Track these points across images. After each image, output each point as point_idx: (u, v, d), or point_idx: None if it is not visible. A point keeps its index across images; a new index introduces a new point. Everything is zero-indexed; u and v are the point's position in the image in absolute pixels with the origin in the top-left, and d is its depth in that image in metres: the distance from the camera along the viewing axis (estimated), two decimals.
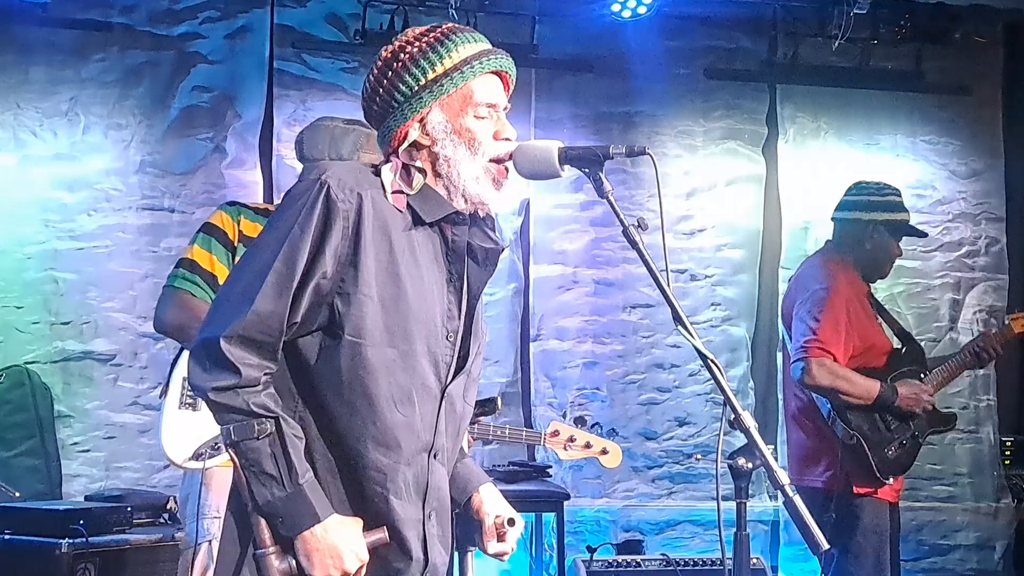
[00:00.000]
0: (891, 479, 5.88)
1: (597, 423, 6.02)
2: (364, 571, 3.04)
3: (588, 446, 5.77)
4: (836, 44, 8.33)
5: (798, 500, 2.94)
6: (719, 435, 3.03)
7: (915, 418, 5.99)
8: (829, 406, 5.88)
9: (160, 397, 4.78)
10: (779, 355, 8.48)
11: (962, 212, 9.11)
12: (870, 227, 6.09)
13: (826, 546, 2.94)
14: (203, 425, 4.54)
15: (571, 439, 5.77)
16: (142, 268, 7.74)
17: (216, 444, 4.55)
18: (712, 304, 8.69)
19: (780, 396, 8.26)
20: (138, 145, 7.88)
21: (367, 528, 3.06)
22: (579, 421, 5.98)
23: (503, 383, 8.26)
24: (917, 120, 9.09)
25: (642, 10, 8.02)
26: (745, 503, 3.05)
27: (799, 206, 8.85)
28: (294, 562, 2.99)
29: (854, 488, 5.84)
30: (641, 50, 8.43)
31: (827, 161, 8.90)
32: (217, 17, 8.07)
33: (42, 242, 7.72)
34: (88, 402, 7.74)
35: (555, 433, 5.76)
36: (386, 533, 3.07)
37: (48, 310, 7.72)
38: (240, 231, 4.75)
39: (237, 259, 4.66)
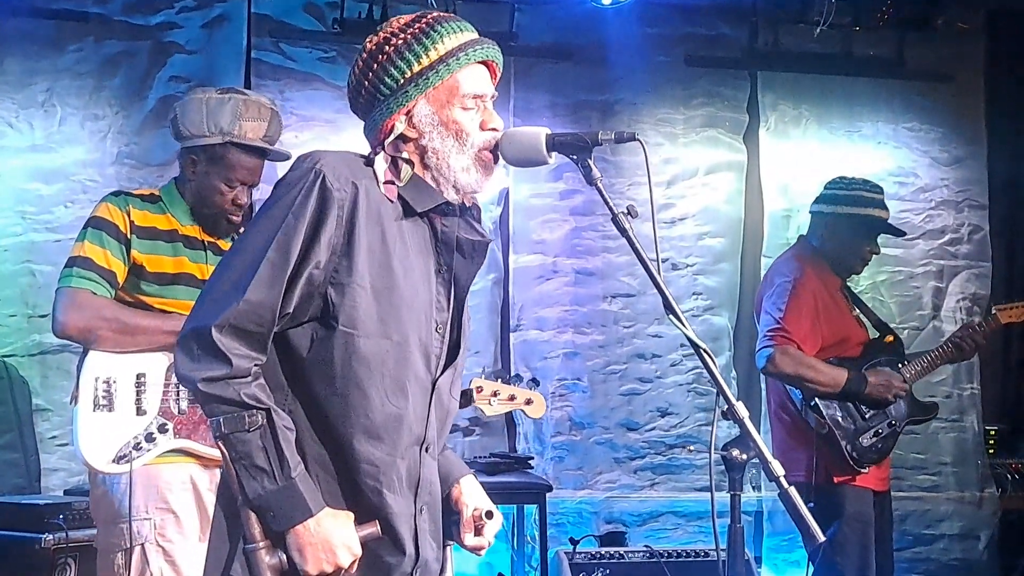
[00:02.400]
0: (867, 467, 5.89)
1: (518, 374, 5.98)
2: (356, 565, 3.00)
3: (512, 399, 5.72)
4: (818, 31, 8.31)
5: (793, 491, 2.92)
6: (712, 425, 3.01)
7: (891, 406, 5.99)
8: (800, 396, 5.88)
9: (71, 404, 4.51)
10: None
11: (944, 200, 9.09)
12: (836, 221, 6.10)
13: (822, 537, 2.92)
14: (120, 425, 4.40)
15: (495, 394, 5.73)
16: None
17: (139, 444, 4.42)
18: (694, 293, 8.65)
19: (764, 386, 8.27)
20: (115, 136, 7.81)
21: (359, 522, 3.02)
22: (499, 374, 5.95)
23: (483, 374, 8.21)
24: (899, 107, 9.06)
25: None
26: (739, 495, 3.01)
27: (780, 194, 8.83)
28: (285, 557, 2.96)
29: (833, 478, 5.85)
30: (621, 38, 8.37)
31: (808, 149, 8.89)
32: (194, 6, 7.99)
33: (18, 234, 7.64)
34: (66, 395, 7.54)
35: (479, 389, 5.71)
36: (378, 527, 3.04)
37: (25, 303, 7.64)
38: (132, 222, 4.56)
39: (133, 251, 4.53)
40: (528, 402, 5.73)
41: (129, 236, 4.55)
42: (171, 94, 7.88)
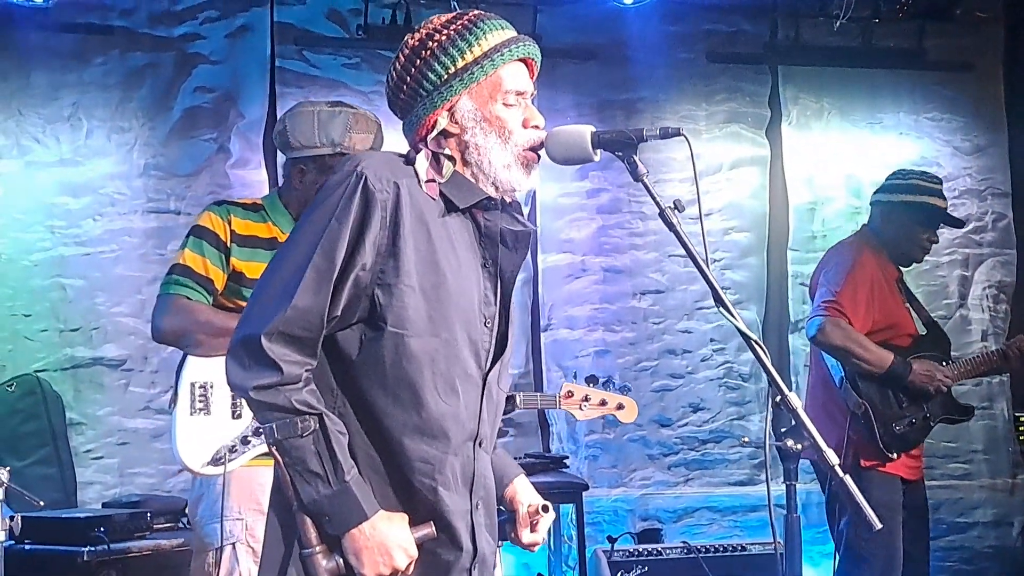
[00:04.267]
0: (895, 454, 5.87)
1: (610, 379, 5.99)
2: (413, 566, 3.00)
3: (603, 403, 5.76)
4: (837, 24, 8.32)
5: (848, 480, 2.91)
6: (767, 416, 3.00)
7: (929, 399, 5.98)
8: (842, 373, 5.88)
9: (170, 406, 4.61)
10: (791, 337, 8.49)
11: (968, 188, 9.08)
12: (894, 209, 6.12)
13: (878, 525, 2.90)
14: (218, 428, 4.48)
15: (586, 398, 5.76)
16: (149, 272, 7.67)
17: (234, 447, 4.48)
18: (721, 288, 8.61)
19: (793, 379, 8.26)
20: (141, 148, 7.84)
21: (413, 522, 3.04)
22: (591, 379, 5.95)
23: (515, 375, 8.23)
24: (920, 98, 9.07)
25: None
26: (795, 485, 3.01)
27: (804, 187, 8.84)
28: (341, 560, 2.97)
29: (861, 461, 5.84)
30: (642, 36, 8.41)
31: (831, 141, 8.90)
32: (217, 17, 8.03)
33: (48, 249, 7.68)
34: (100, 408, 7.70)
35: (569, 394, 5.73)
36: (433, 527, 3.05)
37: (56, 317, 7.68)
38: (232, 230, 4.63)
39: (233, 259, 4.60)
40: (620, 407, 5.76)
41: (229, 244, 4.61)
42: (196, 105, 7.92)
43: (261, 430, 3.00)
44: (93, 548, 5.79)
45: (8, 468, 4.91)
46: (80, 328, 7.72)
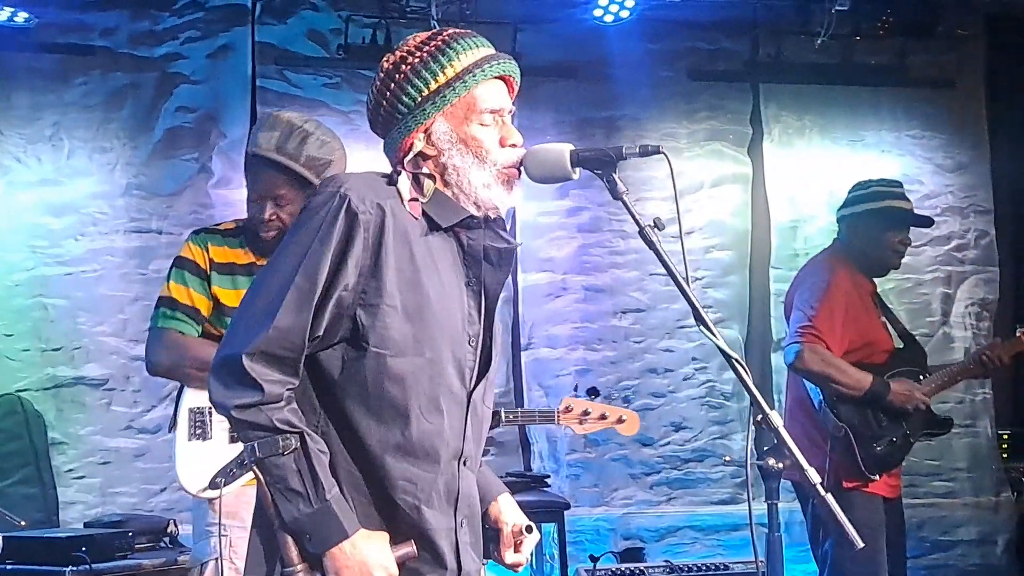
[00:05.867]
0: (877, 475, 5.85)
1: (602, 394, 5.99)
2: None
3: (604, 417, 5.73)
4: (819, 42, 8.30)
5: (830, 498, 2.91)
6: (747, 435, 2.99)
7: (908, 417, 5.97)
8: (821, 397, 5.87)
9: (170, 431, 4.70)
10: (773, 356, 8.48)
11: (950, 206, 9.10)
12: (857, 219, 6.11)
13: (860, 544, 2.90)
14: (214, 454, 4.51)
15: (585, 412, 5.72)
16: (131, 291, 7.69)
17: (230, 470, 4.49)
18: (703, 306, 8.55)
19: (776, 397, 8.25)
20: (123, 168, 7.85)
21: (395, 542, 3.03)
22: (592, 392, 5.94)
23: (496, 393, 8.19)
24: (901, 115, 9.10)
25: (624, 14, 8.03)
26: (777, 504, 2.99)
27: (787, 205, 8.85)
28: None
29: (843, 482, 5.82)
30: (623, 54, 8.41)
31: (813, 159, 8.93)
32: (198, 37, 8.04)
33: (30, 268, 7.68)
34: (82, 428, 7.70)
35: (568, 409, 5.70)
36: (414, 546, 3.04)
37: (38, 337, 7.68)
38: (210, 259, 4.65)
39: (213, 287, 4.62)
40: (620, 420, 5.73)
41: (208, 272, 4.65)
42: (178, 124, 7.93)
43: (244, 448, 2.98)
44: (75, 568, 5.72)
45: None
46: (62, 348, 7.72)
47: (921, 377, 6.10)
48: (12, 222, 7.70)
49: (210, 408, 4.56)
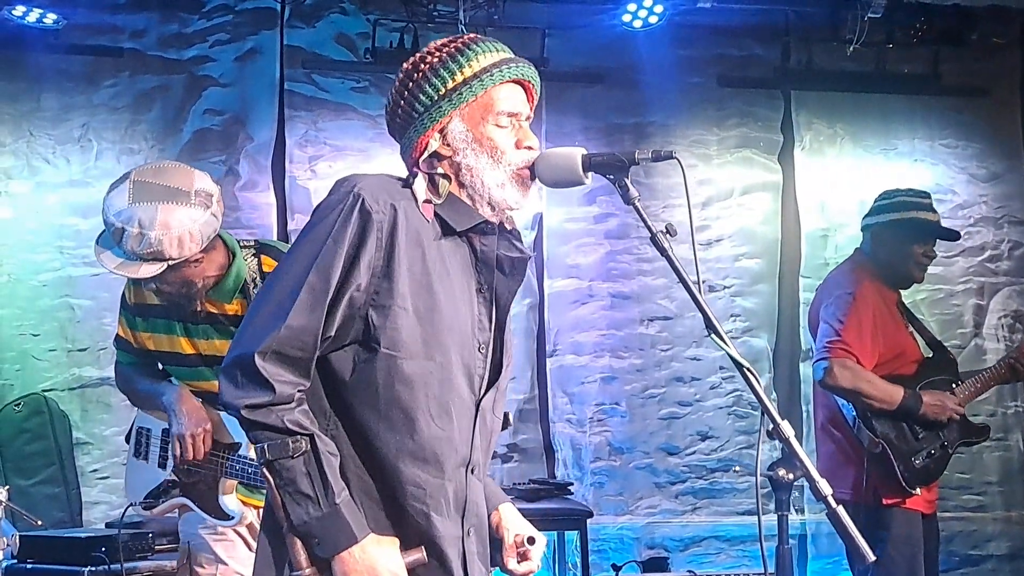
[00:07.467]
0: (918, 489, 5.75)
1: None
2: None
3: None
4: (851, 49, 8.20)
5: (841, 511, 2.86)
6: (757, 446, 2.95)
7: (944, 427, 5.89)
8: (854, 412, 5.78)
9: (127, 441, 4.89)
10: (801, 366, 8.42)
11: (983, 216, 9.02)
12: (882, 230, 6.03)
13: (872, 557, 2.85)
14: (149, 473, 4.68)
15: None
16: None
17: (157, 492, 4.68)
18: (731, 315, 8.60)
19: (804, 408, 8.19)
20: None
21: (404, 547, 3.01)
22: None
23: (520, 400, 8.20)
24: (935, 123, 9.02)
25: (653, 20, 7.98)
26: (787, 516, 2.94)
27: (817, 214, 8.79)
28: None
29: (883, 499, 5.73)
30: (653, 60, 8.36)
31: (844, 168, 8.86)
32: (227, 40, 8.06)
33: (57, 269, 7.71)
34: (106, 428, 7.71)
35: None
36: (424, 552, 3.01)
37: (64, 337, 7.71)
38: (129, 300, 4.60)
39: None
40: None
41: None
42: (206, 127, 7.94)
43: (254, 449, 2.97)
44: (94, 568, 5.77)
45: (7, 487, 4.92)
46: (88, 348, 7.74)
47: (953, 385, 6.02)
48: (40, 223, 7.74)
49: (151, 429, 4.71)
